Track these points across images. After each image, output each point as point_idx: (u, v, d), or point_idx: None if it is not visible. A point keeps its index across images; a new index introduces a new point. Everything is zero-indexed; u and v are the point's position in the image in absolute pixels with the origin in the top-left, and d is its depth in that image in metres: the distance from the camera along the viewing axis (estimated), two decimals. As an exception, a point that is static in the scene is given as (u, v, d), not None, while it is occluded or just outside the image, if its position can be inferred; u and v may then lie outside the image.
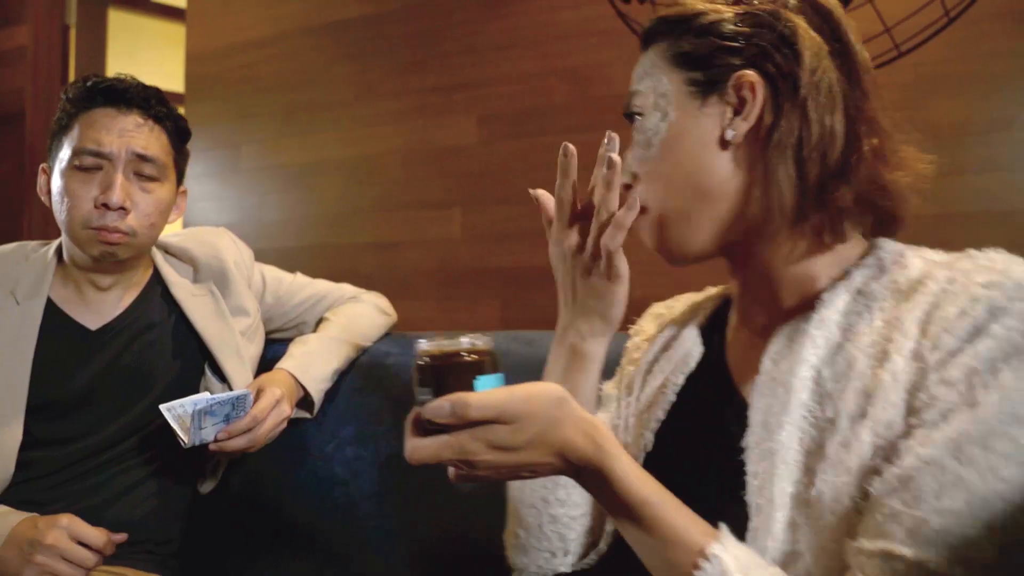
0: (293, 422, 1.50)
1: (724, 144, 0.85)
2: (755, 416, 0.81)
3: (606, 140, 0.91)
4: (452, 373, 0.74)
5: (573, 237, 0.94)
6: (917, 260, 0.81)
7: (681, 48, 0.88)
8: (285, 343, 1.61)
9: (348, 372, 1.59)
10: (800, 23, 0.84)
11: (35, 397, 1.38)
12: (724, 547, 0.70)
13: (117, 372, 1.45)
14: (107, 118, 1.39)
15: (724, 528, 0.72)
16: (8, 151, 3.44)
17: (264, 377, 1.48)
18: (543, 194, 0.99)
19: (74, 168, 1.38)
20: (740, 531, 0.75)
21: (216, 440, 1.35)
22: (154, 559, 1.45)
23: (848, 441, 0.73)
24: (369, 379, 1.56)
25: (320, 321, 1.69)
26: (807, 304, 0.84)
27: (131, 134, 1.39)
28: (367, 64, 2.87)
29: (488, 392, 0.71)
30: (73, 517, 1.27)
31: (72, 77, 3.50)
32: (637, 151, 0.90)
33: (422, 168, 2.76)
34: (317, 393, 1.52)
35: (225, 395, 1.33)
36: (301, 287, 1.71)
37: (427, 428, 0.72)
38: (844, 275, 0.84)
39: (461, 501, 1.41)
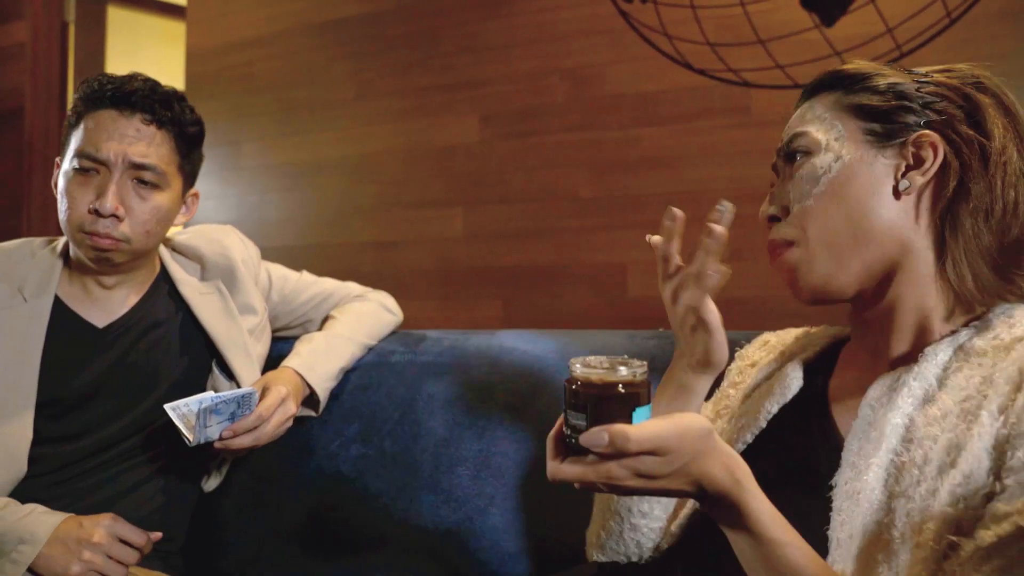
0: (298, 420, 1.50)
1: (896, 193, 0.89)
2: (847, 457, 0.85)
3: (719, 207, 0.90)
4: (610, 404, 0.73)
5: (667, 291, 0.97)
6: None
7: (859, 100, 0.92)
8: (291, 341, 1.62)
9: (353, 370, 1.60)
10: (988, 102, 0.88)
11: (42, 394, 1.38)
12: None
13: (123, 370, 1.45)
14: (109, 121, 1.38)
15: None
16: (7, 148, 3.44)
17: (270, 375, 1.48)
18: (657, 241, 0.99)
19: (74, 170, 1.38)
20: None
21: (221, 438, 1.35)
22: (158, 556, 1.45)
23: (936, 490, 0.76)
24: (374, 377, 1.57)
25: (326, 319, 1.69)
26: (915, 355, 0.88)
27: (130, 140, 1.37)
28: (367, 63, 2.88)
29: (645, 426, 0.72)
30: (116, 516, 1.31)
31: (71, 74, 3.50)
32: (800, 186, 0.93)
33: (422, 167, 2.77)
34: (323, 392, 1.52)
35: (230, 393, 1.33)
36: (307, 285, 1.71)
37: (572, 448, 0.74)
38: (952, 332, 0.88)
39: (467, 497, 1.41)
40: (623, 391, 0.74)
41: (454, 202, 2.71)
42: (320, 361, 1.53)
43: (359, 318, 1.65)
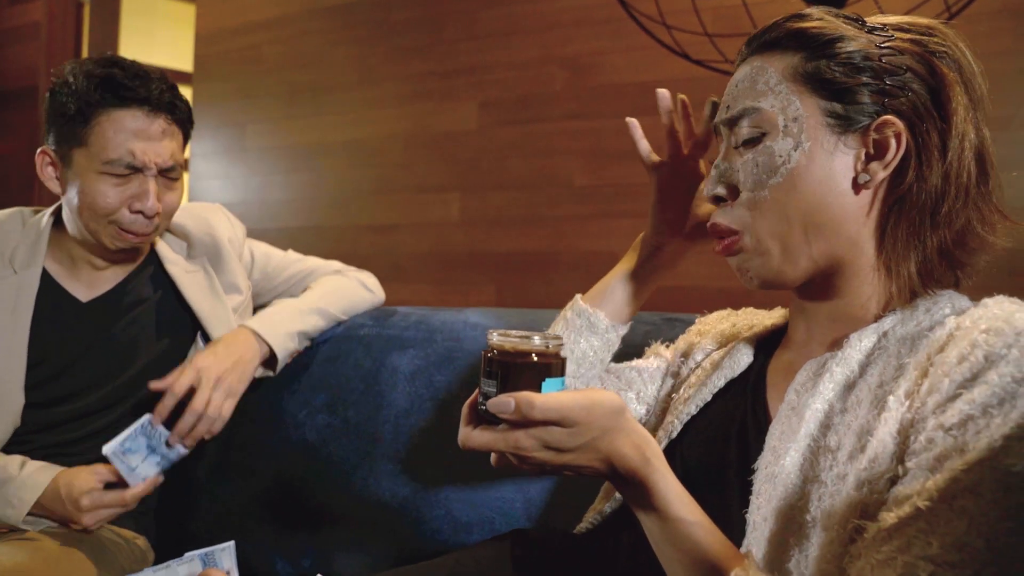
0: (268, 389, 1.52)
1: (856, 187, 0.84)
2: (769, 441, 0.84)
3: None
4: (520, 371, 0.74)
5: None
6: (947, 308, 0.82)
7: (821, 72, 0.85)
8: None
9: (324, 343, 1.62)
10: (951, 78, 0.82)
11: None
12: (747, 573, 0.72)
13: (103, 344, 1.47)
14: (134, 121, 1.37)
15: (751, 555, 0.75)
16: (20, 126, 3.50)
17: (224, 337, 1.50)
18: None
19: (103, 174, 1.37)
20: (735, 544, 0.79)
21: (175, 450, 1.38)
22: (130, 517, 1.48)
23: (845, 474, 0.76)
24: (343, 350, 1.59)
25: (304, 292, 1.72)
26: (842, 341, 0.86)
27: (159, 144, 1.39)
28: (370, 48, 2.90)
29: (552, 395, 0.72)
30: (90, 475, 1.35)
31: (85, 55, 3.54)
32: (755, 172, 0.87)
33: (422, 152, 2.79)
34: (282, 350, 1.53)
35: (127, 431, 1.35)
36: (290, 263, 1.73)
37: (484, 416, 0.75)
38: (877, 318, 0.86)
39: (423, 468, 1.44)
40: (535, 360, 0.74)
41: (452, 187, 2.72)
42: (280, 321, 1.54)
43: (332, 291, 1.67)
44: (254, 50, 3.14)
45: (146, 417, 1.37)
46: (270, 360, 1.55)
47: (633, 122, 1.12)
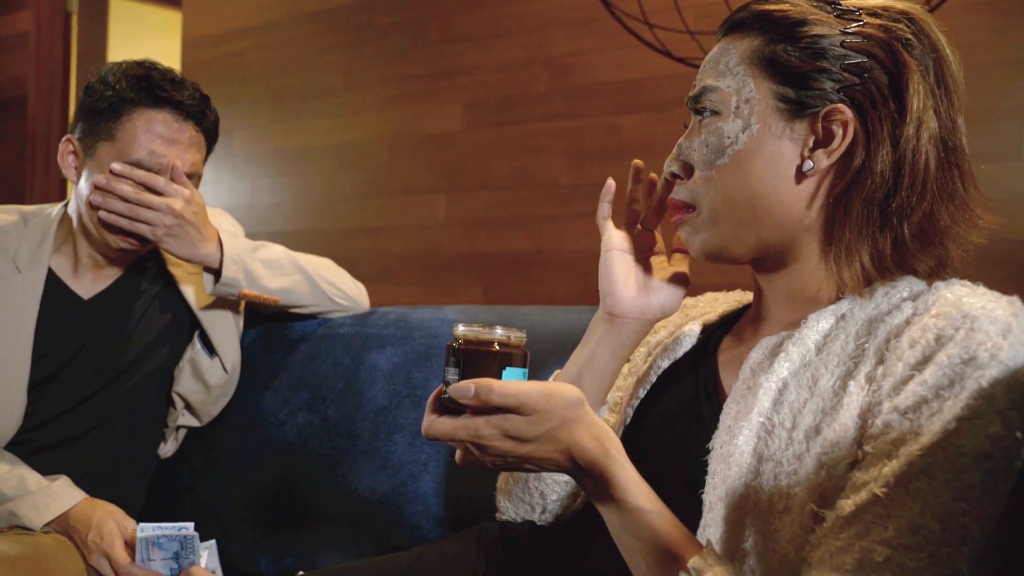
0: (244, 388, 1.52)
1: (799, 175, 0.85)
2: (724, 420, 0.85)
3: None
4: (482, 359, 0.77)
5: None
6: (905, 292, 0.83)
7: (777, 56, 0.85)
8: (256, 328, 1.67)
9: (303, 342, 1.63)
10: (913, 66, 0.82)
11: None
12: (706, 562, 0.73)
13: (102, 341, 1.49)
14: (163, 126, 1.40)
15: (710, 544, 0.76)
16: (9, 136, 3.51)
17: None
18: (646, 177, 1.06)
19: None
20: (693, 525, 0.80)
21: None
22: (115, 519, 1.49)
23: (801, 455, 0.77)
24: (322, 349, 1.61)
25: None
26: (799, 321, 0.86)
27: (186, 151, 1.43)
28: (354, 52, 2.91)
29: (511, 382, 0.75)
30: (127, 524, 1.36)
31: (74, 64, 3.56)
32: (704, 152, 0.89)
33: (408, 154, 2.80)
34: (233, 266, 1.48)
35: (168, 527, 1.31)
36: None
37: (448, 407, 0.77)
38: (837, 299, 0.87)
39: (403, 464, 1.45)
40: (496, 349, 0.77)
41: (437, 189, 2.73)
42: (254, 262, 1.52)
43: (322, 264, 1.68)
44: (240, 56, 3.16)
45: (191, 529, 1.32)
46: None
47: (609, 183, 1.08)
